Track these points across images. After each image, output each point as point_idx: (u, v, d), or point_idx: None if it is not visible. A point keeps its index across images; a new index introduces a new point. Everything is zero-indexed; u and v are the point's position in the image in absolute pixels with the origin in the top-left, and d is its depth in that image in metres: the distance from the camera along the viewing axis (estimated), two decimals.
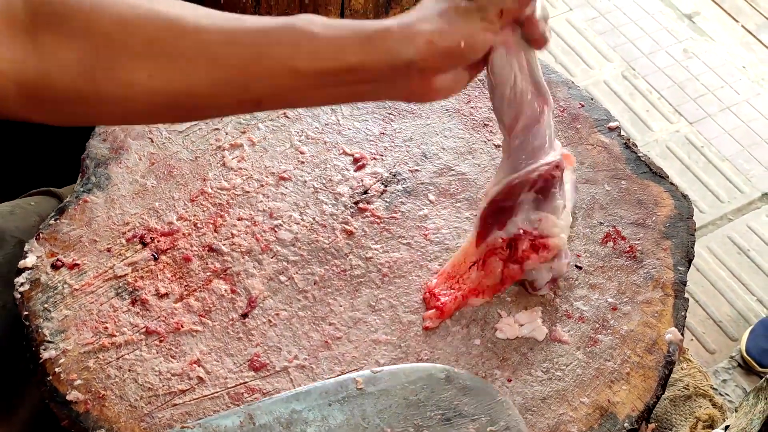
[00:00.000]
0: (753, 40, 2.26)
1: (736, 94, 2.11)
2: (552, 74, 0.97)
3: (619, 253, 0.81)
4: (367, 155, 0.88)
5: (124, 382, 0.69)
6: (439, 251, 0.80)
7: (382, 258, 0.80)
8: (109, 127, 0.88)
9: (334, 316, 0.76)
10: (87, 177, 0.84)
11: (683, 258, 0.80)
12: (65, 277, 0.75)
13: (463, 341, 0.74)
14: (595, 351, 0.74)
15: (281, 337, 0.74)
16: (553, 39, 2.20)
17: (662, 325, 0.75)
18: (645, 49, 2.20)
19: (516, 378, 0.72)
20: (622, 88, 2.10)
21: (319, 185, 0.85)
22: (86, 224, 0.80)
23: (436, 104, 0.94)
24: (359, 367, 0.72)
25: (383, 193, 0.85)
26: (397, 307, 0.76)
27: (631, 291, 0.78)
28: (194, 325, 0.74)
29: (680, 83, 2.12)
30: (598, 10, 2.30)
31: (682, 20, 2.30)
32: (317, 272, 0.78)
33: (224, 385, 0.70)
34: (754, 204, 1.89)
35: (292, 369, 0.72)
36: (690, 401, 1.05)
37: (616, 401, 0.71)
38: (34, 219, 0.87)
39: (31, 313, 0.73)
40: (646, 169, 0.88)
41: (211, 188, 0.84)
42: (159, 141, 0.88)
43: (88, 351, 0.71)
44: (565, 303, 0.77)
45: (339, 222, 0.82)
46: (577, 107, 0.94)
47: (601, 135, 0.91)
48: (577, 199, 0.85)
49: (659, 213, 0.84)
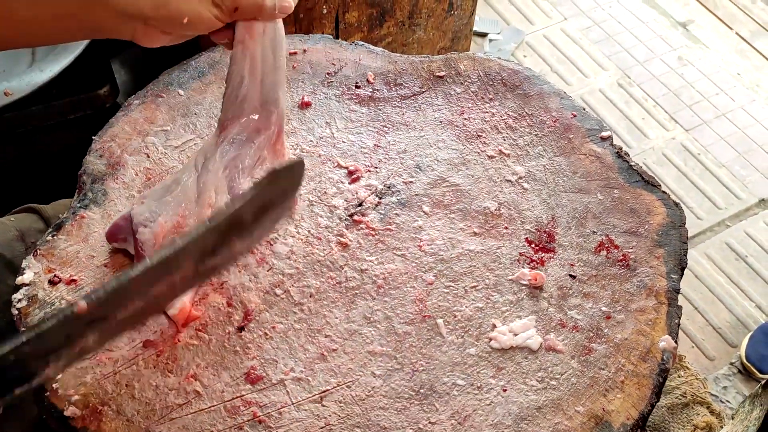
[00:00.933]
0: (747, 47, 2.28)
1: (732, 100, 2.12)
2: (544, 85, 0.98)
3: (613, 261, 0.82)
4: (361, 168, 0.89)
5: (122, 396, 0.70)
6: (434, 262, 0.81)
7: (377, 270, 0.80)
8: (106, 143, 0.89)
9: (329, 328, 0.76)
10: (84, 193, 0.85)
11: (676, 266, 0.80)
12: (62, 293, 0.76)
13: (458, 351, 0.75)
14: (590, 360, 0.74)
15: (277, 349, 0.74)
16: (549, 48, 2.21)
17: (656, 333, 0.76)
18: (640, 57, 2.22)
19: (511, 387, 0.72)
20: (618, 96, 2.11)
21: (314, 198, 0.86)
22: (83, 240, 0.80)
23: (430, 116, 0.95)
24: (355, 378, 0.72)
25: (378, 205, 0.86)
26: (393, 318, 0.77)
27: (625, 299, 0.78)
28: (191, 339, 0.74)
29: (675, 91, 2.14)
30: (592, 19, 2.32)
31: (677, 28, 2.32)
32: (313, 285, 0.79)
33: (221, 399, 0.71)
34: (751, 210, 1.90)
35: (289, 381, 0.72)
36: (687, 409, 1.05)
37: (611, 410, 0.71)
38: (12, 233, 0.88)
39: (28, 329, 0.73)
40: (639, 177, 0.88)
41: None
42: (155, 156, 0.89)
43: (85, 366, 0.71)
44: (559, 312, 0.78)
45: (334, 234, 0.83)
46: (570, 117, 0.94)
47: (593, 145, 0.92)
48: (570, 209, 0.86)
49: (652, 221, 0.84)
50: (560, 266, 0.81)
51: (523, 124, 0.94)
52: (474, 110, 0.95)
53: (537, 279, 0.79)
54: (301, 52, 1.01)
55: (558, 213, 0.86)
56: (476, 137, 0.93)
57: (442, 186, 0.88)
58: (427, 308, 0.78)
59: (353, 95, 0.97)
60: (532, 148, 0.92)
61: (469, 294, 0.79)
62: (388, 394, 0.72)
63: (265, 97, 0.74)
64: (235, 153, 0.75)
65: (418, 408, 0.71)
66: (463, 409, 0.71)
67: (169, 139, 0.90)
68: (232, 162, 0.75)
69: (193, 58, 0.99)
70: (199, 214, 0.75)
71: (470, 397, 0.72)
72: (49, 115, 1.28)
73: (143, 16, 0.62)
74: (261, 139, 0.76)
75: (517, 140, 0.93)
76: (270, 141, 0.78)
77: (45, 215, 0.92)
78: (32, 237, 0.88)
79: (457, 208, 0.86)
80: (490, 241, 0.83)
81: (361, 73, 0.99)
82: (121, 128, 0.91)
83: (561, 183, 0.88)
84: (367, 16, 1.41)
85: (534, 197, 0.87)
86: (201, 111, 0.93)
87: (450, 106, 0.96)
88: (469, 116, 0.95)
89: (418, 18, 1.51)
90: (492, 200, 0.87)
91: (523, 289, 0.79)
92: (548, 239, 0.83)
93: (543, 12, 2.32)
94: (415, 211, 0.86)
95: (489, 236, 0.83)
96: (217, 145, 0.75)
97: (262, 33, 0.71)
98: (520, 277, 0.80)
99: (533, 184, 0.88)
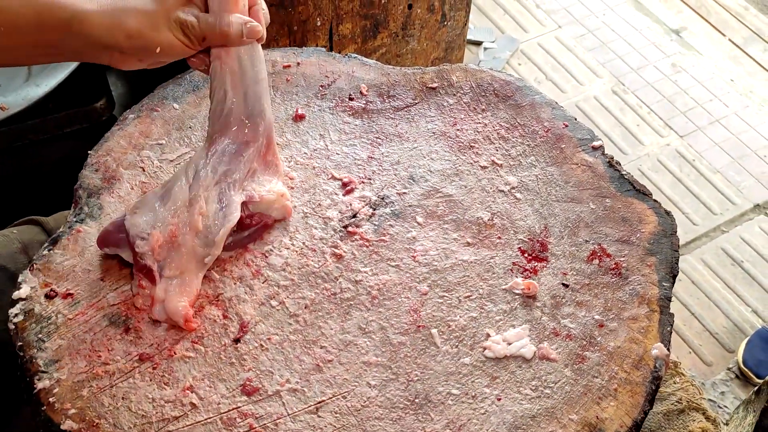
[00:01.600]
0: (740, 54, 2.29)
1: (725, 106, 2.14)
2: (536, 95, 0.99)
3: (605, 270, 0.82)
4: (355, 179, 0.90)
5: (118, 410, 0.70)
6: (428, 272, 0.82)
7: (371, 281, 0.81)
8: (102, 158, 0.90)
9: (325, 339, 0.77)
10: (80, 207, 0.85)
11: (668, 274, 0.81)
12: (59, 307, 0.77)
13: (453, 361, 0.75)
14: (583, 368, 0.75)
15: (273, 361, 0.75)
16: (543, 56, 2.23)
17: (648, 340, 0.76)
18: (634, 64, 2.23)
19: (505, 396, 0.73)
20: (613, 103, 2.13)
21: (308, 210, 0.87)
22: (79, 254, 0.81)
23: (423, 127, 0.96)
24: (351, 389, 0.73)
25: (372, 216, 0.86)
26: (387, 328, 0.77)
27: (618, 308, 0.79)
28: (187, 352, 0.75)
29: (669, 97, 2.15)
30: (586, 27, 2.33)
31: (670, 35, 2.33)
32: (308, 296, 0.80)
33: (217, 411, 0.71)
34: (746, 215, 1.91)
35: (285, 393, 0.73)
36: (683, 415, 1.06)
37: (604, 417, 0.71)
38: (16, 245, 0.89)
39: (25, 343, 0.74)
40: (630, 186, 0.89)
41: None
42: (150, 170, 0.89)
43: (81, 380, 0.72)
44: (553, 321, 0.78)
45: (329, 246, 0.84)
46: (561, 127, 0.95)
47: (585, 154, 0.93)
48: (562, 218, 0.87)
49: (643, 230, 0.85)
50: (553, 275, 0.82)
51: (515, 134, 0.95)
52: (467, 121, 0.96)
53: (530, 288, 0.80)
54: (295, 65, 1.02)
55: (550, 222, 0.86)
56: (469, 148, 0.94)
57: (435, 197, 0.89)
58: (422, 318, 0.78)
59: (347, 107, 0.98)
60: (525, 158, 0.93)
61: (463, 304, 0.79)
62: (384, 404, 0.72)
63: (251, 109, 0.76)
64: (225, 167, 0.76)
65: (414, 418, 0.71)
66: (458, 419, 0.71)
67: (164, 153, 0.91)
68: (222, 176, 0.76)
69: (188, 71, 1.00)
70: (191, 224, 0.75)
71: (465, 406, 0.72)
72: (46, 129, 1.29)
73: (118, 47, 0.66)
74: (250, 152, 0.77)
75: (509, 150, 0.93)
76: (260, 152, 0.79)
77: (47, 227, 0.93)
78: (35, 250, 0.89)
79: (450, 219, 0.87)
80: (484, 251, 0.84)
81: (354, 85, 1.00)
82: (116, 142, 0.92)
83: (553, 192, 0.89)
84: (360, 28, 1.43)
85: (527, 207, 0.88)
86: (196, 124, 0.94)
87: (443, 117, 0.97)
88: (462, 127, 0.96)
89: (411, 29, 1.53)
90: (485, 210, 0.87)
91: (517, 298, 0.80)
92: (541, 248, 0.84)
93: (537, 20, 2.34)
94: (408, 221, 0.86)
95: (482, 246, 0.84)
96: (208, 157, 0.76)
97: (237, 48, 0.73)
98: (514, 287, 0.80)
99: (526, 194, 0.89)
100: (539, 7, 2.38)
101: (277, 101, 0.98)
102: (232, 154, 0.76)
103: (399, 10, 1.45)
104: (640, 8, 2.40)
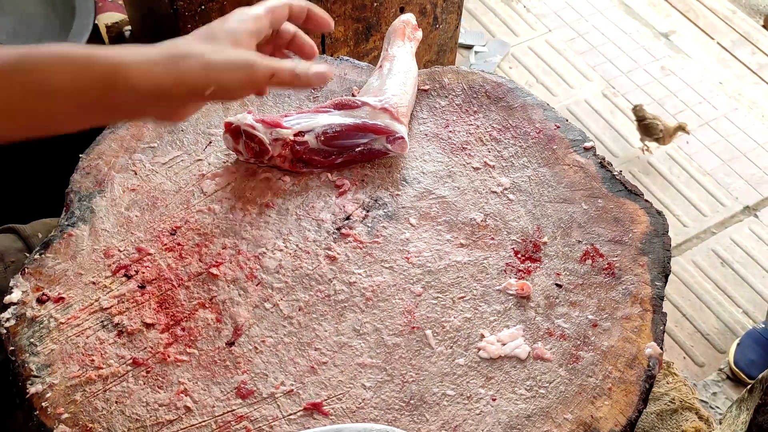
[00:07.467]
0: (729, 57, 2.31)
1: (714, 109, 2.15)
2: (527, 97, 0.99)
3: (598, 270, 0.83)
4: (348, 182, 0.90)
5: (112, 414, 0.70)
6: (422, 274, 0.82)
7: (365, 282, 0.81)
8: (93, 161, 0.89)
9: (319, 341, 0.76)
10: (71, 211, 0.85)
11: (660, 273, 0.81)
12: (51, 311, 0.76)
13: (448, 362, 0.75)
14: (577, 368, 0.75)
15: (267, 363, 0.74)
16: (534, 60, 2.24)
17: (641, 339, 0.77)
18: (624, 67, 2.25)
19: (500, 396, 0.73)
20: (603, 106, 2.14)
21: (301, 212, 0.87)
22: (71, 258, 0.81)
23: (415, 129, 0.96)
24: (346, 390, 0.73)
25: (365, 218, 0.86)
26: (382, 330, 0.77)
27: (611, 307, 0.79)
28: (181, 355, 0.74)
29: (659, 100, 2.16)
30: (576, 30, 2.35)
31: (659, 39, 2.35)
32: (302, 298, 0.79)
33: (211, 414, 0.71)
34: (736, 217, 1.92)
35: (279, 395, 0.72)
36: (676, 415, 1.06)
37: (599, 417, 0.72)
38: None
39: (17, 348, 0.73)
40: (622, 187, 0.89)
41: (194, 218, 0.85)
42: (142, 173, 0.89)
43: (74, 384, 0.71)
44: (547, 321, 0.78)
45: (322, 248, 0.84)
46: (553, 128, 0.96)
47: (576, 155, 0.93)
48: (555, 219, 0.87)
49: (635, 230, 0.85)
50: (547, 276, 0.82)
51: (507, 135, 0.95)
52: (459, 123, 0.97)
53: (524, 289, 0.80)
54: None
55: (543, 223, 0.87)
56: (461, 149, 0.94)
57: (428, 198, 0.89)
58: (416, 320, 0.78)
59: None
60: (517, 160, 0.93)
61: (457, 305, 0.79)
62: (379, 405, 0.72)
63: (409, 104, 0.92)
64: None
65: (409, 419, 0.71)
66: (453, 419, 0.71)
67: (156, 156, 0.91)
68: None
69: None
70: None
71: (460, 407, 0.72)
72: None
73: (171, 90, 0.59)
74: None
75: (501, 152, 0.94)
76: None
77: (23, 234, 0.92)
78: (11, 256, 0.88)
79: (443, 220, 0.87)
80: (477, 252, 0.84)
81: (346, 88, 1.00)
82: (108, 146, 0.91)
83: (546, 193, 0.89)
84: (353, 31, 1.43)
85: (519, 208, 0.88)
86: (188, 127, 0.94)
87: (435, 119, 0.97)
88: (454, 129, 0.96)
89: None
90: (478, 211, 0.88)
91: (511, 298, 0.80)
92: (534, 249, 0.84)
93: (528, 24, 2.35)
94: (402, 223, 0.86)
95: (476, 247, 0.84)
96: None
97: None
98: (507, 287, 0.81)
99: (518, 195, 0.89)
100: (530, 11, 2.39)
101: (269, 104, 0.98)
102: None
103: (391, 13, 1.45)
104: (629, 12, 2.42)
